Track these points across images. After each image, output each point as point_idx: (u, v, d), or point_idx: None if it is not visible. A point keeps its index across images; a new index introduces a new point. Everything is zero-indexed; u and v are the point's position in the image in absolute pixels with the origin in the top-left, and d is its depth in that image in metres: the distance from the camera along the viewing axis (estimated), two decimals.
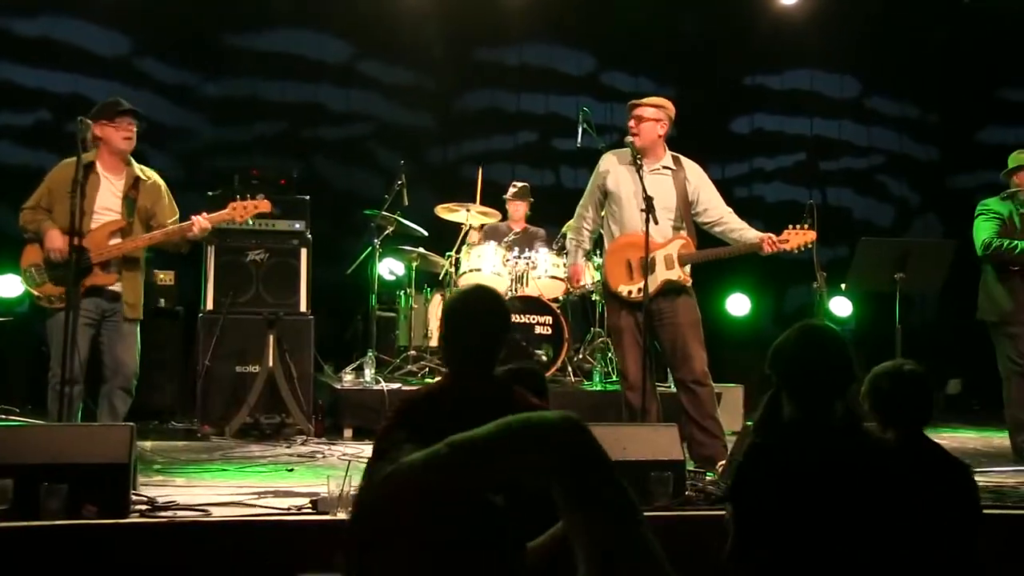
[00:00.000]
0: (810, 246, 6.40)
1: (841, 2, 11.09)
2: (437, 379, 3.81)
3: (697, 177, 6.71)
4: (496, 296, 3.59)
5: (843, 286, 7.78)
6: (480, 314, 3.43)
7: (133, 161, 6.62)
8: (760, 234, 6.48)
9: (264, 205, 6.65)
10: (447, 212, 9.33)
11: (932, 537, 3.34)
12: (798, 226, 6.41)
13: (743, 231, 6.58)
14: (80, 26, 10.55)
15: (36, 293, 6.28)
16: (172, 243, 6.56)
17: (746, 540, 3.15)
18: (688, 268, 6.54)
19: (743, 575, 3.19)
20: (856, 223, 12.20)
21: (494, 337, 3.41)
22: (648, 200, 6.15)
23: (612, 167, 6.69)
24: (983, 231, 7.23)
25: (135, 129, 6.50)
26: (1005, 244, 7.09)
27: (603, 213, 6.79)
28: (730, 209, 6.73)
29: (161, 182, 6.67)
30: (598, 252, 9.13)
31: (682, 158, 6.74)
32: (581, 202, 6.99)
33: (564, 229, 9.32)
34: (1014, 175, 7.30)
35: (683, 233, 6.53)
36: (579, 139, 7.23)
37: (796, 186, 12.36)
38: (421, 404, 3.37)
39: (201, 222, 6.32)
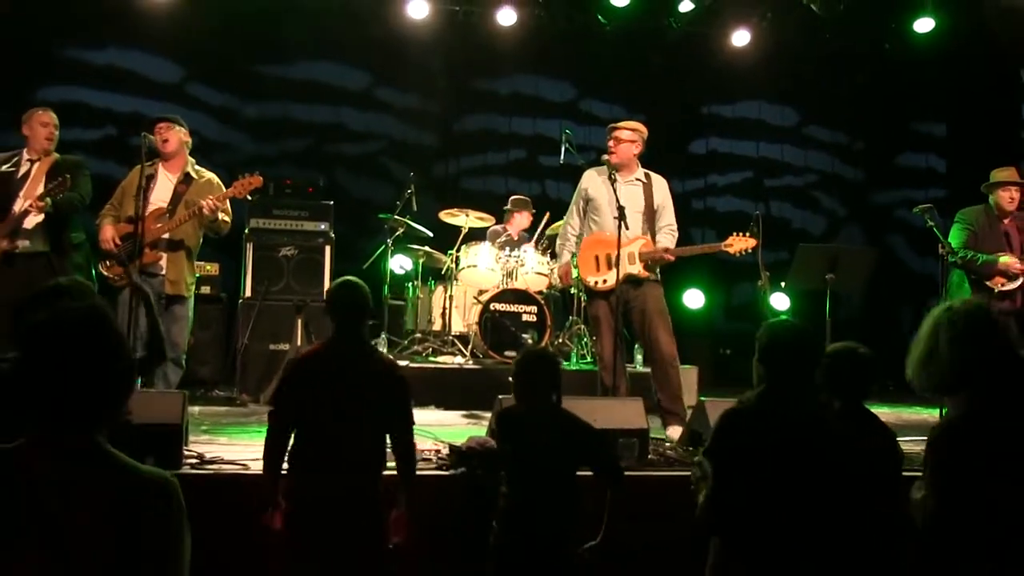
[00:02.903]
0: (751, 251, 6.47)
1: (784, 46, 11.14)
2: (316, 344, 4.25)
3: (662, 193, 6.77)
4: (363, 287, 3.97)
5: (783, 284, 7.79)
6: (351, 297, 3.90)
7: (190, 161, 6.70)
8: (663, 246, 6.56)
9: (256, 180, 6.57)
10: (449, 216, 9.35)
11: (865, 488, 3.40)
12: (740, 233, 6.49)
13: (659, 240, 6.66)
14: (141, 56, 10.62)
15: (108, 275, 6.39)
16: (206, 226, 6.58)
17: (720, 495, 3.20)
18: (652, 265, 6.59)
19: (714, 529, 3.24)
20: (794, 231, 12.26)
21: (366, 313, 3.95)
22: (620, 209, 6.22)
23: (592, 180, 6.75)
24: (954, 240, 7.17)
25: (165, 132, 6.57)
26: (970, 255, 7.06)
27: (586, 219, 6.84)
28: (673, 226, 6.76)
29: (215, 181, 6.71)
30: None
31: (652, 174, 6.80)
32: (568, 211, 7.03)
33: (548, 232, 9.40)
34: (998, 189, 7.24)
35: (646, 235, 6.61)
36: (562, 157, 7.26)
37: (744, 199, 12.41)
38: (310, 360, 3.90)
39: (208, 204, 6.32)
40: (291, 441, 3.83)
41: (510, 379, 3.97)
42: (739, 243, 6.46)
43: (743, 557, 3.18)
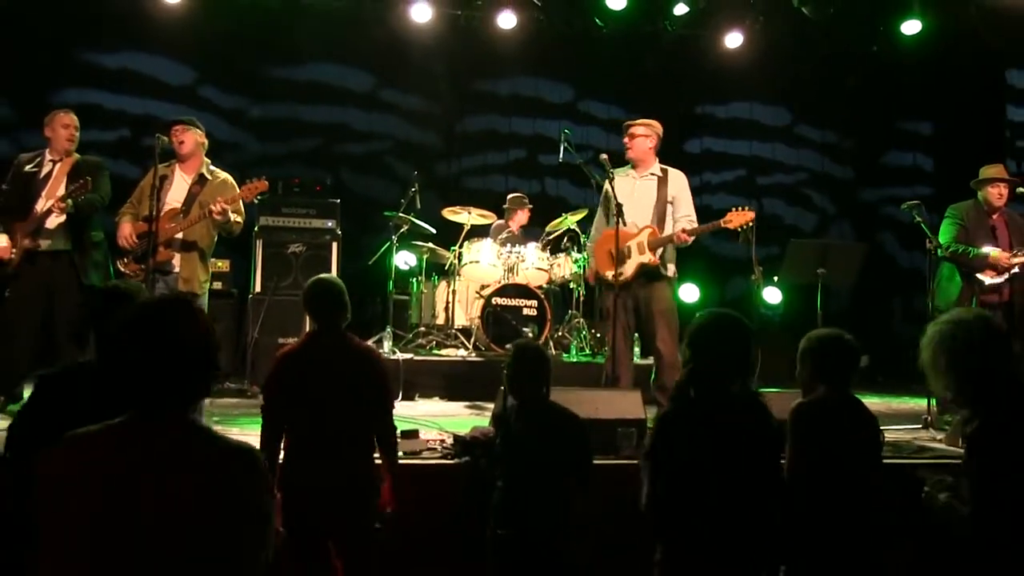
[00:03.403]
0: (751, 223, 6.40)
1: (775, 48, 11.13)
2: (300, 338, 4.31)
3: (677, 187, 6.84)
4: (337, 283, 4.18)
5: (775, 278, 7.81)
6: (327, 293, 4.09)
7: (206, 162, 6.70)
8: (680, 229, 6.58)
9: (263, 185, 6.53)
10: (451, 214, 9.37)
11: (852, 463, 3.45)
12: (738, 208, 6.47)
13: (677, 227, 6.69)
14: (154, 60, 10.65)
15: (125, 271, 6.42)
16: (218, 226, 6.55)
17: (658, 490, 3.20)
18: (659, 253, 6.61)
19: (656, 518, 3.26)
20: (785, 228, 12.24)
21: (342, 307, 4.07)
22: (618, 207, 6.26)
23: (615, 178, 6.81)
24: (946, 234, 7.20)
25: (181, 134, 6.59)
26: (961, 249, 7.09)
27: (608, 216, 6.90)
28: (691, 217, 6.79)
29: (230, 181, 6.70)
30: (576, 248, 9.23)
31: (670, 170, 6.86)
32: (596, 215, 7.13)
33: (548, 228, 9.43)
34: (987, 186, 7.25)
35: (653, 225, 6.62)
36: (560, 155, 7.28)
37: (737, 196, 12.30)
38: (294, 355, 4.00)
39: (216, 208, 6.30)
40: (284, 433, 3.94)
41: (503, 370, 3.99)
42: (738, 218, 6.41)
43: (684, 550, 3.17)
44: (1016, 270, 7.04)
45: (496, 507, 3.79)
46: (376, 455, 4.04)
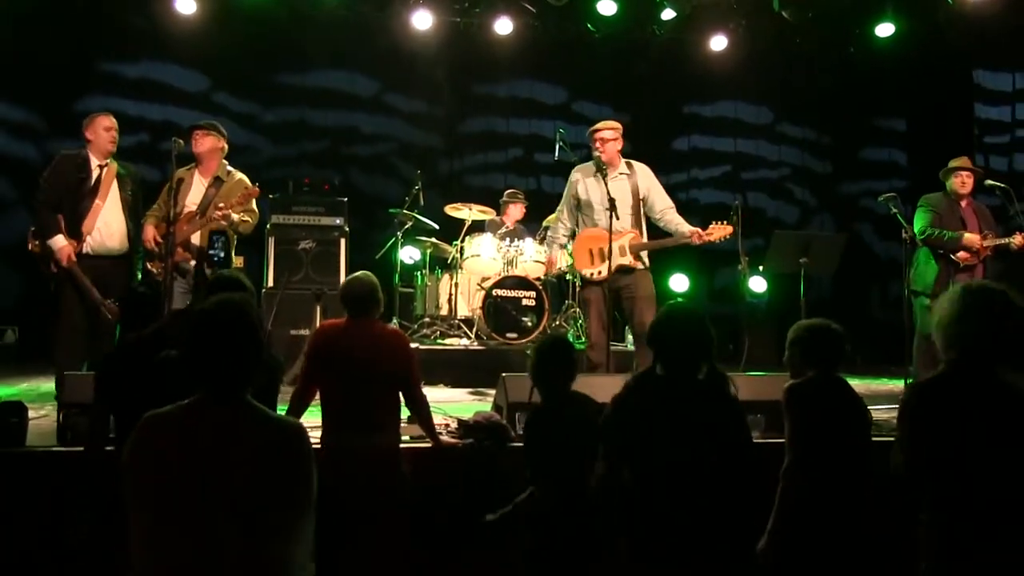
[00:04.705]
0: (728, 237, 6.44)
1: (758, 50, 11.08)
2: (336, 320, 4.37)
3: (647, 179, 6.73)
4: (368, 284, 4.24)
5: (761, 268, 7.78)
6: (362, 294, 4.20)
7: (223, 164, 6.64)
8: (690, 228, 6.54)
9: (255, 192, 6.43)
10: (453, 210, 9.33)
11: (843, 443, 3.44)
12: (719, 222, 6.46)
13: (678, 225, 6.62)
14: (171, 69, 10.65)
15: (153, 269, 6.39)
16: (231, 227, 6.47)
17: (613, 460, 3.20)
18: (641, 254, 6.56)
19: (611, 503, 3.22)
20: (769, 220, 12.20)
21: (376, 303, 4.21)
22: (611, 201, 6.21)
23: (580, 179, 6.73)
24: (921, 220, 7.17)
25: (201, 138, 6.54)
26: (936, 232, 7.07)
27: (578, 216, 6.82)
28: (672, 205, 6.72)
29: (244, 182, 6.61)
30: (572, 242, 9.20)
31: (634, 163, 6.77)
32: (559, 207, 7.03)
33: (545, 223, 9.39)
34: (951, 175, 7.25)
35: (635, 228, 6.58)
36: (556, 154, 7.26)
37: (723, 191, 12.35)
38: (332, 329, 4.23)
39: (217, 213, 6.23)
40: (317, 399, 4.21)
41: (527, 353, 3.91)
42: (718, 231, 6.45)
43: (650, 534, 3.12)
44: (988, 253, 7.05)
45: (530, 506, 3.61)
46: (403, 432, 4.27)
